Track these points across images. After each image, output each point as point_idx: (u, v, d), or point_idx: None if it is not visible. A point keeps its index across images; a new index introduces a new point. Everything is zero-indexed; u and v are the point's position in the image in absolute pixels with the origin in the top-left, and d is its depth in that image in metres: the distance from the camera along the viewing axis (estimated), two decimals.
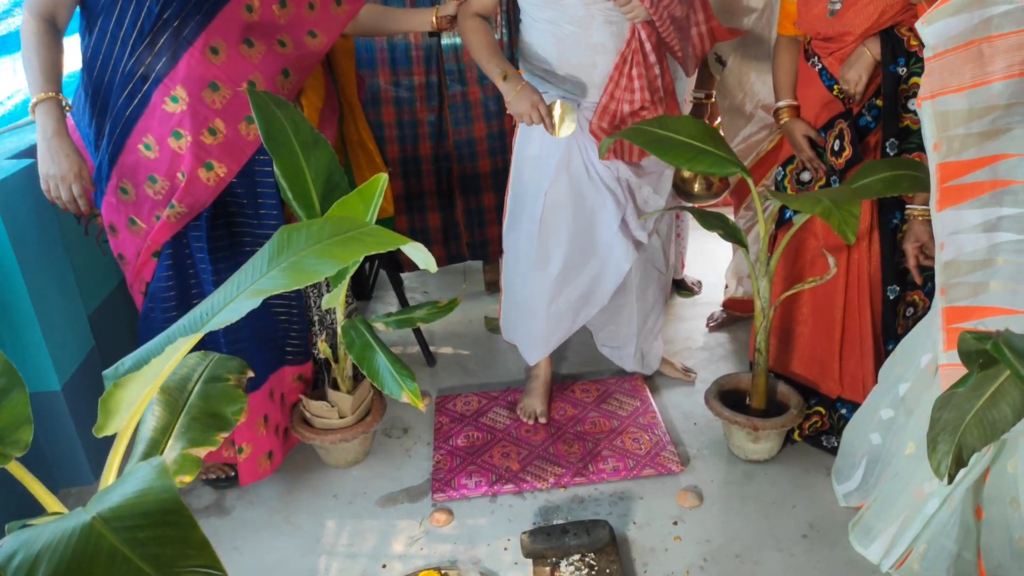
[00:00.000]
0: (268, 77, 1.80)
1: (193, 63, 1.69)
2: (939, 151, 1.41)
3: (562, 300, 2.17)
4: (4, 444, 0.96)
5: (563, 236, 2.09)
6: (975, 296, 1.44)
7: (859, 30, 1.82)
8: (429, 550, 1.86)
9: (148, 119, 1.72)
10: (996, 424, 1.04)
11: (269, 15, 1.80)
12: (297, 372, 2.12)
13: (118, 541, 0.73)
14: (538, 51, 1.98)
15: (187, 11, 1.68)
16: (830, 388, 2.12)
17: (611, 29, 1.88)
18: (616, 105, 1.93)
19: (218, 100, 1.75)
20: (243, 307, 0.93)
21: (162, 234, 1.79)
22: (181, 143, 1.74)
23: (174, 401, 1.26)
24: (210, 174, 1.78)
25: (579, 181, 2.05)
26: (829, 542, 1.83)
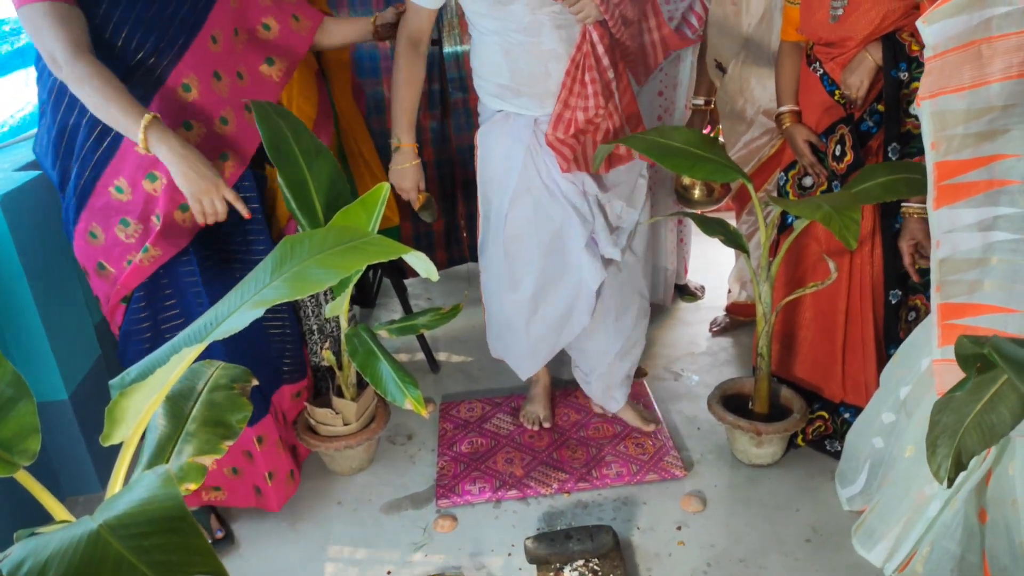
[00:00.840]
0: (237, 111, 1.74)
1: (165, 101, 1.61)
2: (937, 150, 1.42)
3: (539, 320, 2.08)
4: (12, 453, 0.97)
5: (531, 258, 2.00)
6: (970, 294, 1.44)
7: (861, 35, 1.83)
8: (433, 556, 1.87)
9: (120, 161, 1.62)
10: (995, 428, 1.04)
11: (229, 44, 1.74)
12: (295, 389, 2.10)
13: (124, 548, 0.74)
14: (489, 66, 1.88)
15: (161, 49, 1.61)
16: (833, 392, 2.12)
17: (561, 34, 1.79)
18: (571, 113, 1.84)
19: (192, 139, 1.66)
20: (247, 317, 0.94)
21: (133, 278, 1.70)
22: (156, 185, 1.64)
23: (179, 410, 1.27)
24: (186, 215, 1.67)
25: (541, 201, 1.95)
26: (833, 546, 1.83)
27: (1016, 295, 1.37)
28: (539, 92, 1.86)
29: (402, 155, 1.96)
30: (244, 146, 1.76)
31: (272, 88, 1.83)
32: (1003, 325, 1.39)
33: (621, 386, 2.25)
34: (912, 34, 1.79)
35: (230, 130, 1.73)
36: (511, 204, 1.95)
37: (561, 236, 1.98)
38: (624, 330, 2.17)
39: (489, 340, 2.29)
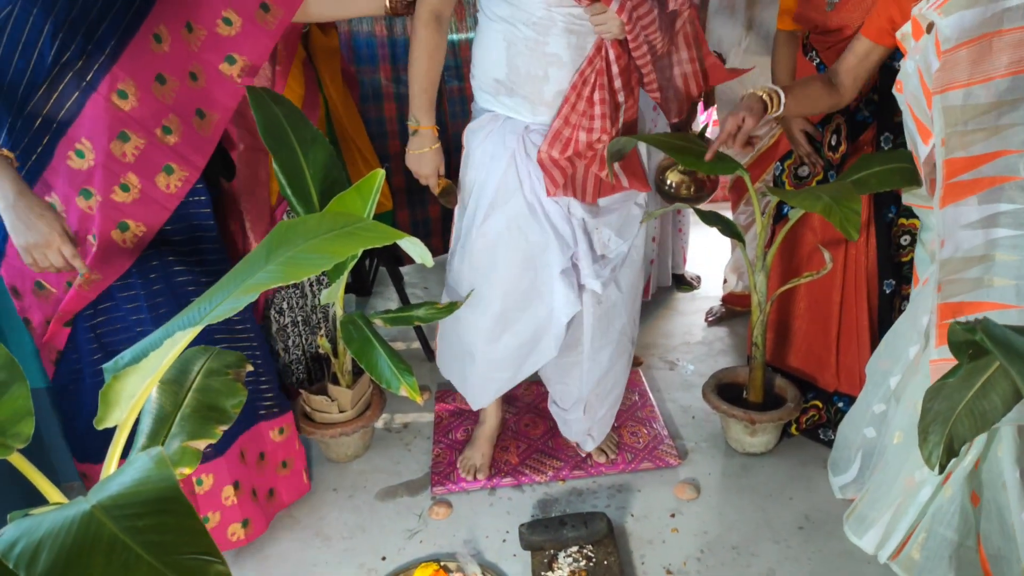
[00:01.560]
0: (184, 118, 1.58)
1: (98, 111, 1.46)
2: (945, 147, 1.41)
3: (501, 346, 1.89)
4: (6, 436, 0.97)
5: (499, 275, 1.83)
6: (970, 292, 1.44)
7: (856, 23, 1.82)
8: (428, 543, 1.88)
9: (51, 176, 1.48)
10: (987, 414, 1.05)
11: (179, 43, 1.56)
12: (275, 426, 1.89)
13: (118, 529, 0.74)
14: (487, 57, 1.74)
15: (90, 50, 1.44)
16: (827, 382, 2.13)
17: (571, 40, 1.65)
18: (571, 132, 1.70)
19: (130, 152, 1.51)
20: (241, 301, 0.94)
21: (74, 304, 1.57)
22: (91, 203, 1.50)
23: (174, 395, 1.27)
24: (125, 235, 1.54)
25: (519, 216, 1.78)
26: (825, 533, 1.85)
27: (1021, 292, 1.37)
28: (533, 96, 1.72)
29: (421, 138, 1.79)
30: (192, 157, 1.61)
31: (232, 89, 1.66)
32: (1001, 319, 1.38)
33: (598, 426, 2.08)
34: None
35: (174, 140, 1.58)
36: (486, 214, 1.80)
37: (535, 258, 1.81)
38: (599, 368, 1.97)
39: (440, 361, 2.10)
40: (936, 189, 1.45)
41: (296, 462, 1.96)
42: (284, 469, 1.94)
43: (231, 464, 1.76)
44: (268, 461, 1.89)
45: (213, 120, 1.64)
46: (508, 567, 1.79)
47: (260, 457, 1.87)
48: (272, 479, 1.91)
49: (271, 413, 1.88)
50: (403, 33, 2.71)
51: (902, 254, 1.94)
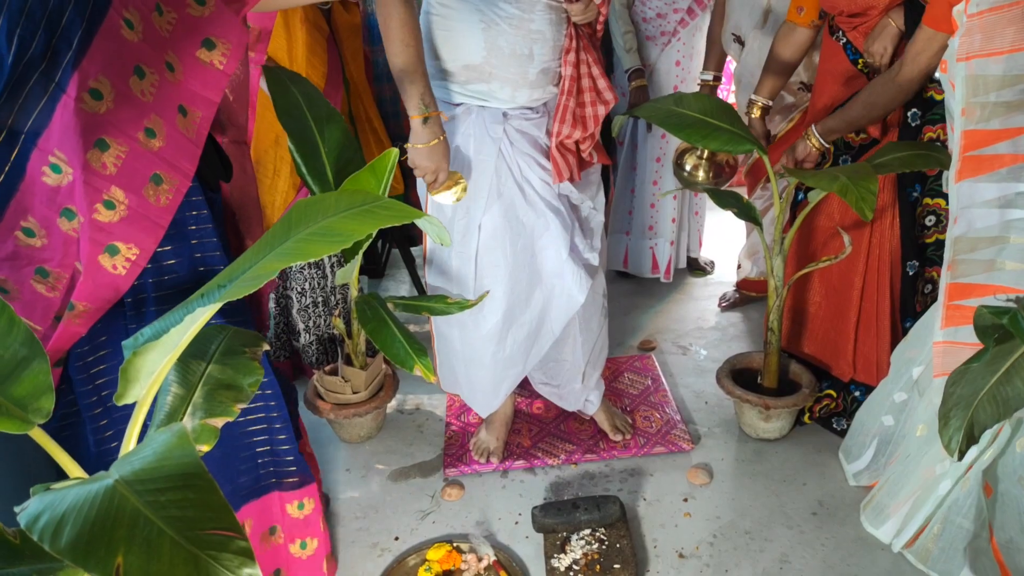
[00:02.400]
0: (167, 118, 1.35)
1: (68, 116, 1.23)
2: (967, 117, 1.36)
3: (509, 343, 1.88)
4: (27, 411, 0.97)
5: (502, 272, 1.80)
6: (982, 274, 1.41)
7: (883, 3, 1.80)
8: (441, 523, 1.88)
9: (26, 195, 1.26)
10: (1010, 400, 1.03)
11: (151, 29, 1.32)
12: (296, 499, 1.62)
13: (141, 504, 0.74)
14: (459, 43, 1.66)
15: (55, 46, 1.22)
16: (842, 370, 2.11)
17: (551, 16, 1.65)
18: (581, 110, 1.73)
19: (110, 162, 1.29)
20: (261, 278, 0.94)
21: (63, 341, 1.34)
22: (75, 224, 1.29)
23: (191, 373, 1.28)
24: (116, 259, 1.31)
25: (513, 206, 1.76)
26: (839, 519, 1.84)
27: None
28: (516, 77, 1.67)
29: (432, 126, 1.58)
30: (180, 162, 1.38)
31: (216, 78, 1.42)
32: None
33: (595, 389, 2.11)
34: None
35: (159, 144, 1.33)
36: (484, 209, 1.75)
37: (532, 243, 1.80)
38: (591, 335, 2.02)
39: (440, 374, 2.05)
40: (952, 162, 1.42)
41: (319, 547, 1.67)
42: (302, 551, 1.66)
43: None
44: (280, 537, 1.64)
45: (196, 118, 1.40)
46: (520, 549, 1.80)
47: (270, 531, 1.63)
48: (281, 559, 1.65)
49: (290, 484, 1.60)
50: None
51: (926, 235, 1.92)
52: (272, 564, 1.64)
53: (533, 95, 1.71)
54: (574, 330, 1.98)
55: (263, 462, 1.57)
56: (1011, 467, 1.47)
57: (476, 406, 2.05)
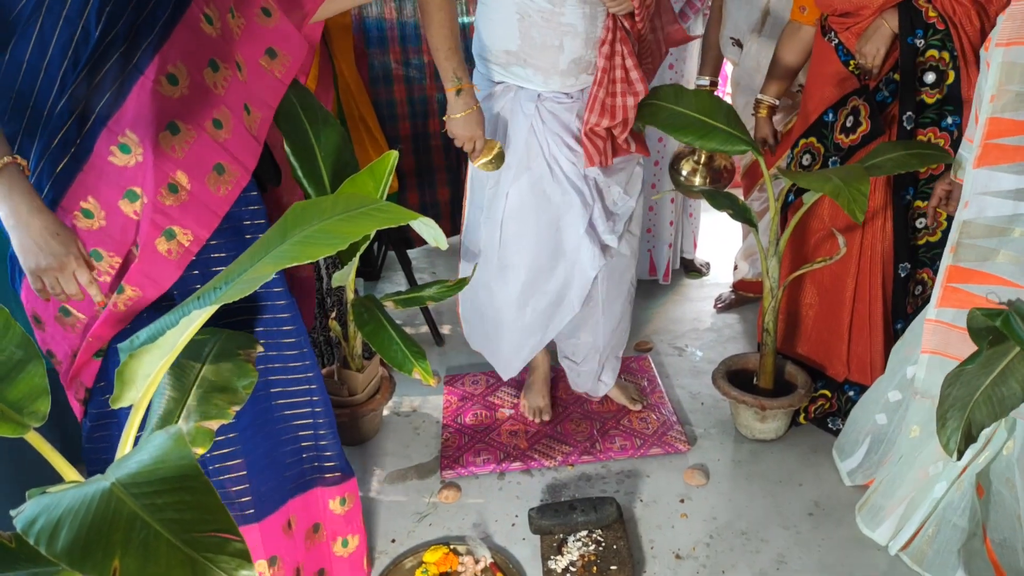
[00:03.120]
0: (235, 113, 1.38)
1: (144, 97, 1.25)
2: (994, 104, 1.34)
3: (529, 310, 2.00)
4: (22, 414, 0.97)
5: (527, 240, 1.92)
6: (983, 261, 1.41)
7: (877, 2, 1.81)
8: (438, 526, 1.88)
9: (89, 175, 1.25)
10: (1005, 400, 1.04)
11: (227, 28, 1.37)
12: (339, 494, 1.61)
13: (137, 507, 0.74)
14: (499, 31, 1.80)
15: (139, 28, 1.24)
16: (837, 371, 2.12)
17: (585, 10, 1.73)
18: (612, 100, 1.80)
19: (179, 146, 1.30)
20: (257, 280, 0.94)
21: (107, 328, 1.32)
22: (137, 206, 1.29)
23: (186, 376, 1.27)
24: (171, 244, 1.31)
25: (542, 180, 1.88)
26: (835, 520, 1.85)
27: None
28: (547, 66, 1.79)
29: (466, 96, 1.72)
30: (242, 156, 1.41)
31: (274, 86, 1.48)
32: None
33: (609, 371, 2.22)
34: (929, 0, 1.77)
35: (225, 136, 1.36)
36: (513, 179, 1.88)
37: (557, 219, 1.91)
38: (613, 319, 2.11)
39: (467, 333, 2.19)
40: (973, 148, 1.40)
41: (359, 544, 1.68)
42: (343, 549, 1.66)
43: (269, 534, 1.49)
44: (323, 536, 1.64)
45: (257, 118, 1.45)
46: (517, 551, 1.79)
47: (313, 529, 1.62)
48: (325, 558, 1.64)
49: (332, 478, 1.60)
50: (412, 15, 2.69)
51: (918, 237, 1.93)
52: (317, 564, 1.64)
53: (566, 82, 1.82)
54: (596, 312, 2.08)
55: (307, 456, 1.57)
56: (1000, 469, 1.47)
57: (498, 367, 2.17)
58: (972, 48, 1.75)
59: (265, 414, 1.49)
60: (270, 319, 1.48)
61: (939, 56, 1.78)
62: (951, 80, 1.78)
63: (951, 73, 1.78)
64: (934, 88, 1.80)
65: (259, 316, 1.48)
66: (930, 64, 1.79)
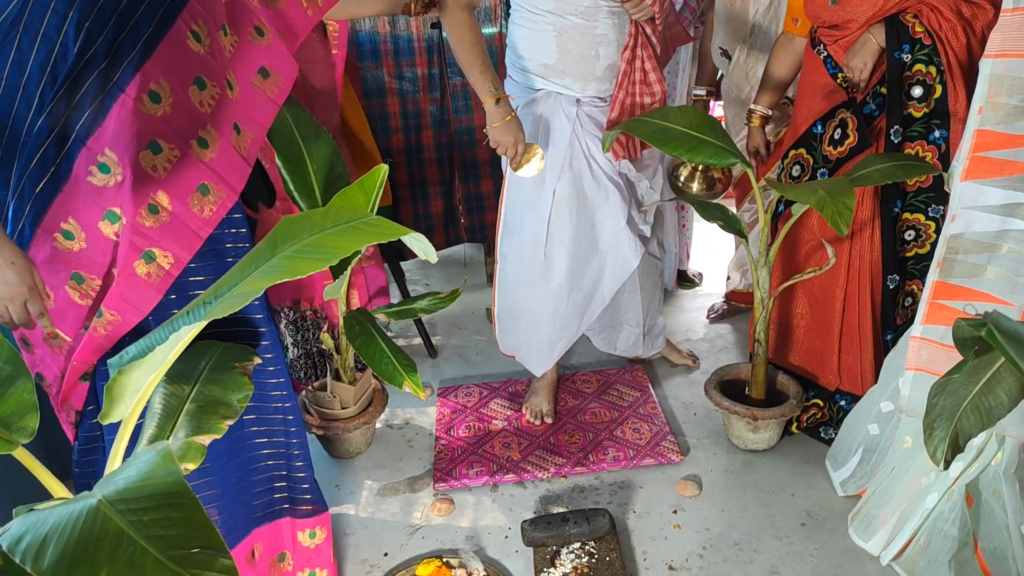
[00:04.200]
0: (222, 132, 1.36)
1: (125, 115, 1.22)
2: (982, 116, 1.34)
3: (568, 305, 2.14)
4: (10, 431, 0.97)
5: (567, 235, 2.06)
6: (969, 277, 1.41)
7: (863, 17, 1.83)
8: (431, 539, 1.88)
9: (68, 196, 1.23)
10: (992, 410, 1.04)
11: (217, 46, 1.35)
12: (308, 527, 1.60)
13: (124, 523, 0.74)
14: (536, 46, 1.96)
15: (121, 43, 1.21)
16: (828, 380, 2.13)
17: (615, 20, 1.91)
18: (631, 99, 1.95)
19: (161, 166, 1.27)
20: (247, 295, 0.94)
21: (88, 353, 1.30)
22: (117, 227, 1.26)
23: (180, 390, 1.27)
24: (151, 267, 1.29)
25: (580, 178, 2.03)
26: (827, 530, 1.85)
27: (1018, 288, 1.35)
28: (584, 74, 1.95)
29: (505, 104, 1.88)
30: (230, 177, 1.37)
31: (266, 106, 1.46)
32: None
33: (660, 335, 2.46)
34: (916, 15, 1.79)
35: (211, 156, 1.34)
36: (557, 177, 2.01)
37: (595, 215, 2.06)
38: (648, 293, 2.33)
39: (500, 336, 2.29)
40: (960, 160, 1.38)
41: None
42: None
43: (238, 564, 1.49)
44: (289, 565, 1.62)
45: (248, 138, 1.43)
46: (510, 563, 1.79)
47: (279, 558, 1.60)
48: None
49: (303, 511, 1.58)
50: (405, 29, 2.72)
51: (906, 249, 1.94)
52: None
53: (601, 87, 1.98)
54: (628, 292, 2.27)
55: (279, 486, 1.55)
56: (987, 480, 1.48)
57: (531, 365, 2.28)
58: (959, 63, 1.77)
59: (240, 440, 1.48)
60: (249, 342, 1.46)
61: (926, 70, 1.80)
62: (938, 94, 1.80)
63: (938, 87, 1.80)
64: (921, 102, 1.82)
65: (237, 338, 1.46)
66: (917, 78, 1.81)
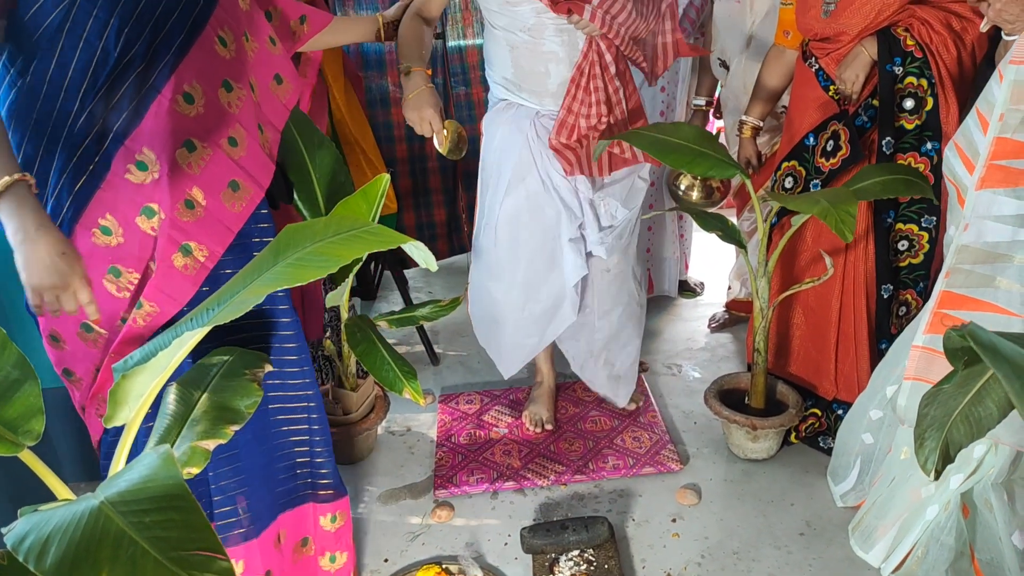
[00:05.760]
0: (250, 131, 1.42)
1: (162, 115, 1.29)
2: (1003, 123, 1.31)
3: (526, 313, 2.08)
4: (17, 433, 0.99)
5: (522, 248, 2.02)
6: (977, 288, 1.40)
7: (855, 30, 1.85)
8: (431, 545, 1.89)
9: (107, 193, 1.28)
10: (983, 421, 1.05)
11: (242, 51, 1.42)
12: (329, 512, 1.64)
13: (125, 524, 0.75)
14: (496, 58, 1.96)
15: (156, 48, 1.28)
16: (826, 390, 2.14)
17: (564, 38, 1.84)
18: (573, 119, 1.87)
19: (195, 163, 1.34)
20: (248, 302, 0.96)
21: (127, 344, 1.33)
22: (154, 222, 1.32)
23: (190, 396, 1.28)
24: (187, 260, 1.35)
25: (535, 192, 1.97)
26: (826, 539, 1.85)
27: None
28: (538, 90, 1.92)
29: (415, 78, 1.78)
30: (257, 174, 1.44)
31: (279, 110, 1.54)
32: (1006, 326, 1.35)
33: (625, 383, 2.31)
34: (907, 29, 1.81)
35: (240, 154, 1.40)
36: (507, 191, 1.98)
37: (551, 229, 2.00)
38: (610, 326, 2.19)
39: (475, 328, 2.26)
40: (976, 168, 1.36)
41: (347, 562, 1.71)
42: (331, 564, 1.69)
43: (265, 549, 1.53)
44: (311, 549, 1.66)
45: (269, 139, 1.49)
46: (509, 570, 1.80)
47: (302, 543, 1.65)
48: (311, 571, 1.67)
49: (325, 495, 1.63)
50: None
51: (899, 259, 1.96)
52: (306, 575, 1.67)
53: (558, 101, 1.91)
54: (591, 319, 2.18)
55: (301, 472, 1.60)
56: (980, 491, 1.48)
57: (499, 364, 2.24)
58: (949, 75, 1.78)
59: (265, 428, 1.52)
60: (274, 335, 1.52)
61: (917, 83, 1.81)
62: (930, 107, 1.82)
63: (930, 100, 1.82)
64: (913, 114, 1.84)
65: (263, 332, 1.51)
66: (909, 91, 1.82)
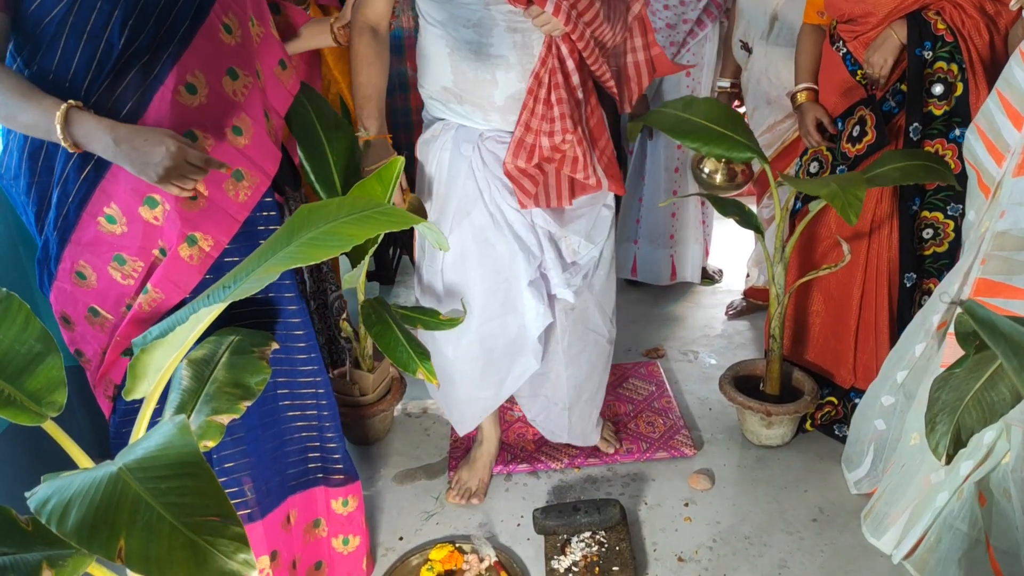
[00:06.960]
0: (255, 119, 1.40)
1: (164, 107, 1.28)
2: None
3: (481, 364, 1.80)
4: (41, 404, 1.02)
5: (472, 292, 1.73)
6: (1011, 275, 1.39)
7: (883, 11, 1.82)
8: (444, 525, 1.92)
9: (111, 183, 1.29)
10: (995, 406, 1.04)
11: (248, 37, 1.40)
12: (341, 496, 1.65)
13: (142, 490, 0.78)
14: (432, 65, 1.64)
15: (160, 39, 1.27)
16: (843, 378, 2.12)
17: (516, 39, 1.53)
18: (534, 139, 1.57)
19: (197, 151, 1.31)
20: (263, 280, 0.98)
21: (133, 327, 1.36)
22: (157, 212, 1.32)
23: (201, 373, 1.32)
24: (193, 250, 1.36)
25: (484, 229, 1.69)
26: (838, 526, 1.85)
27: None
28: (483, 103, 1.61)
29: (375, 149, 1.61)
30: (263, 163, 1.43)
31: (284, 97, 1.53)
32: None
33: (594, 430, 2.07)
34: (938, 12, 1.78)
35: (244, 142, 1.39)
36: (451, 227, 1.70)
37: (505, 270, 1.72)
38: (580, 373, 1.91)
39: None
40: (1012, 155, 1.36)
41: (360, 544, 1.72)
42: (344, 546, 1.70)
43: (271, 530, 1.54)
44: (324, 530, 1.68)
45: (275, 125, 1.48)
46: (521, 550, 1.82)
47: (314, 524, 1.66)
48: (324, 552, 1.68)
49: (336, 480, 1.63)
50: None
51: (924, 247, 1.93)
52: (315, 556, 1.68)
53: (507, 119, 1.61)
54: (558, 366, 1.88)
55: (312, 457, 1.61)
56: (997, 480, 1.47)
57: (453, 420, 1.99)
58: (981, 60, 1.75)
59: (272, 413, 1.54)
60: (281, 321, 1.53)
61: (947, 68, 1.78)
62: (959, 92, 1.79)
63: (959, 85, 1.78)
64: (942, 100, 1.81)
65: (270, 317, 1.52)
66: (938, 76, 1.79)
